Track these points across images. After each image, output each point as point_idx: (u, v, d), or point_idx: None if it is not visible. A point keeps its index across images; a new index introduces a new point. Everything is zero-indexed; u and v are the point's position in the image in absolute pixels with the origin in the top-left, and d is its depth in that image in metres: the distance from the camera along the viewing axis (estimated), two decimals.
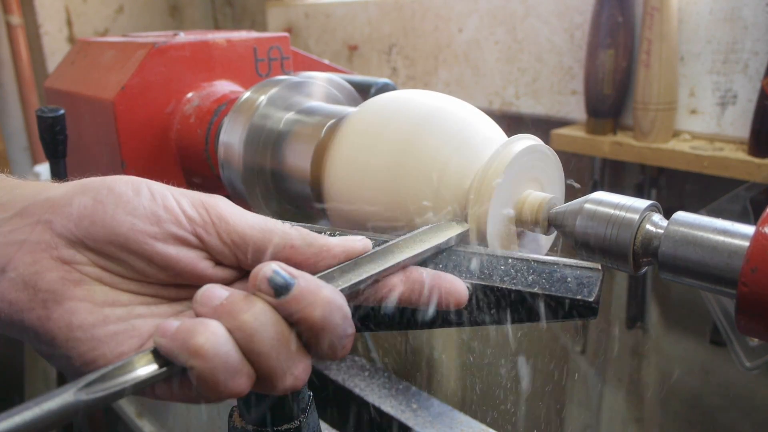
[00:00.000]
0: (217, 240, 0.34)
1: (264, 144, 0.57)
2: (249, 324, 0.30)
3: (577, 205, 0.39)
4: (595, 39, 1.03)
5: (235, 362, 0.30)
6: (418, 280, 0.36)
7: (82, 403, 0.27)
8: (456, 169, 0.43)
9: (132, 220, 0.32)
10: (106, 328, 0.31)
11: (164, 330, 0.29)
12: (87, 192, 0.33)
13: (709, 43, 0.96)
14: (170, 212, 0.33)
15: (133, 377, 0.29)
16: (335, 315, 0.31)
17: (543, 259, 0.37)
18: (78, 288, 0.32)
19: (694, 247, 0.34)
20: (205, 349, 0.29)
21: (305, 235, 0.35)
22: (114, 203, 0.33)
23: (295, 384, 0.32)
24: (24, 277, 0.31)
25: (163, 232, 0.33)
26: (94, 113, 0.70)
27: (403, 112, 0.46)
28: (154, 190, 0.34)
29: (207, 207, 0.34)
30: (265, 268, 0.31)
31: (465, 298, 0.35)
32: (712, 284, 0.34)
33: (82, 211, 0.32)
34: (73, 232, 0.32)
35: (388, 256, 0.36)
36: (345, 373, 0.84)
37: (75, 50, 0.82)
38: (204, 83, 0.71)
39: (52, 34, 1.70)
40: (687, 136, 1.01)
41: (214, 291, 0.31)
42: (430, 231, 0.39)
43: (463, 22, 1.28)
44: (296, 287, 0.31)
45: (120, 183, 0.34)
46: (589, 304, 0.35)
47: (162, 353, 0.29)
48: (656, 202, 0.38)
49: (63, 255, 0.32)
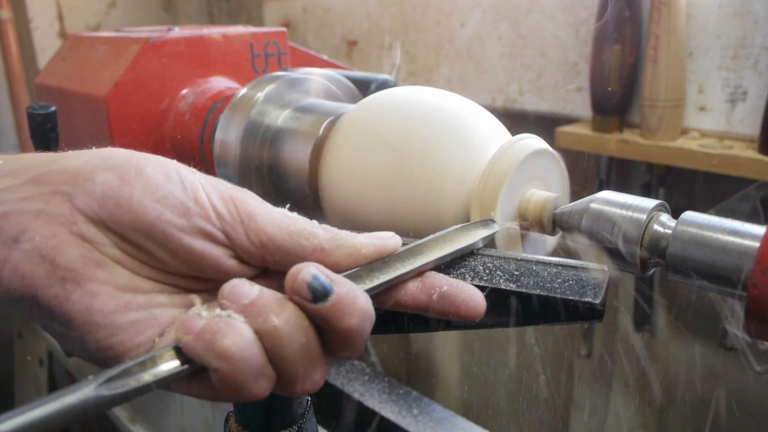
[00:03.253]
0: (244, 239, 0.33)
1: (261, 142, 0.57)
2: (279, 329, 0.29)
3: (582, 205, 0.39)
4: (601, 34, 1.03)
5: (259, 365, 0.29)
6: (435, 287, 0.35)
7: (103, 399, 0.27)
8: (458, 169, 0.43)
9: (160, 208, 0.31)
10: (127, 315, 0.31)
11: (189, 327, 0.29)
12: (112, 168, 0.32)
13: (719, 38, 0.96)
14: (200, 205, 0.32)
15: (154, 374, 0.28)
16: (366, 323, 0.31)
17: (547, 260, 0.37)
18: (100, 269, 0.31)
19: (703, 248, 0.34)
20: (231, 351, 0.28)
21: (335, 236, 0.34)
22: (142, 187, 0.32)
23: (311, 388, 0.32)
24: (41, 250, 0.30)
25: (191, 226, 0.32)
26: (86, 110, 0.70)
27: (403, 109, 0.46)
28: (184, 177, 0.33)
29: (236, 203, 0.33)
30: (305, 271, 0.30)
31: (482, 309, 0.35)
32: (722, 286, 0.34)
33: (107, 191, 0.31)
34: (95, 211, 0.31)
35: (417, 255, 0.35)
36: (344, 378, 0.84)
37: (66, 46, 0.82)
38: (199, 79, 0.71)
39: (42, 29, 1.69)
40: (696, 133, 1.01)
41: (242, 288, 0.30)
42: (459, 231, 0.38)
43: (465, 17, 1.28)
44: (335, 294, 0.30)
45: (149, 164, 0.33)
46: (595, 307, 0.35)
47: (185, 351, 0.29)
48: (664, 202, 0.38)
49: (83, 232, 0.31)
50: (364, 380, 0.83)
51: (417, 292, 0.35)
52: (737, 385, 1.11)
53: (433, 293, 0.35)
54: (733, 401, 1.12)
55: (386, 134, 0.45)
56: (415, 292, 0.35)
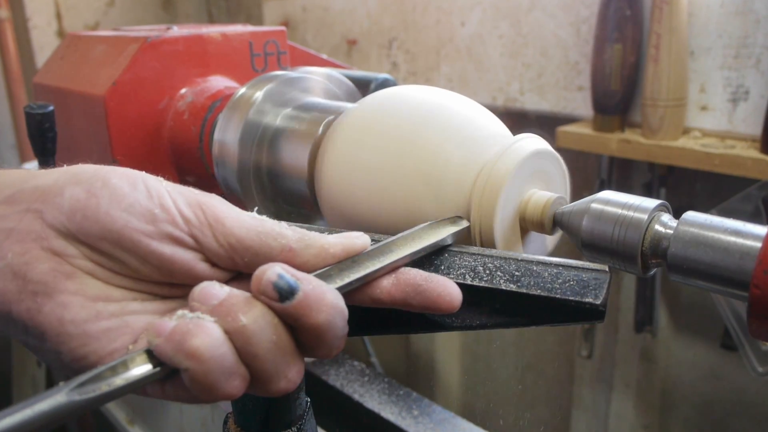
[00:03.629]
0: (213, 242, 0.34)
1: (260, 142, 0.57)
2: (248, 327, 0.30)
3: (583, 205, 0.39)
4: (602, 33, 1.03)
5: (230, 365, 0.30)
6: (409, 283, 0.35)
7: (74, 404, 0.27)
8: (458, 169, 0.43)
9: (127, 217, 0.32)
10: (99, 324, 0.31)
11: (159, 330, 0.29)
12: (80, 183, 0.33)
13: (720, 37, 0.96)
14: (166, 211, 0.33)
15: (126, 378, 0.29)
16: (337, 319, 0.31)
17: (548, 261, 0.37)
18: (70, 281, 0.31)
19: (705, 248, 0.34)
20: (200, 351, 0.29)
21: (303, 236, 0.35)
22: (108, 197, 0.32)
23: (287, 387, 0.32)
24: (13, 267, 0.31)
25: (159, 232, 0.33)
26: (84, 110, 0.70)
27: (403, 108, 0.46)
28: (150, 186, 0.34)
29: (203, 208, 0.34)
30: (270, 271, 0.31)
31: (457, 302, 0.35)
32: (723, 287, 0.34)
33: (74, 204, 0.32)
34: (64, 225, 0.32)
35: (387, 253, 0.36)
36: (344, 378, 0.84)
37: (65, 44, 0.82)
38: (198, 79, 0.71)
39: (40, 27, 1.70)
40: (697, 133, 1.01)
41: (211, 289, 0.31)
42: (429, 228, 0.39)
43: (465, 16, 1.28)
44: (301, 292, 0.31)
45: (115, 175, 0.33)
46: (596, 308, 0.35)
47: (156, 354, 0.29)
48: (665, 202, 0.38)
49: (54, 246, 0.31)
50: (363, 381, 0.83)
51: (392, 288, 0.35)
52: (739, 386, 1.11)
53: (408, 289, 0.35)
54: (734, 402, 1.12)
55: (386, 134, 0.45)
56: (390, 288, 0.35)
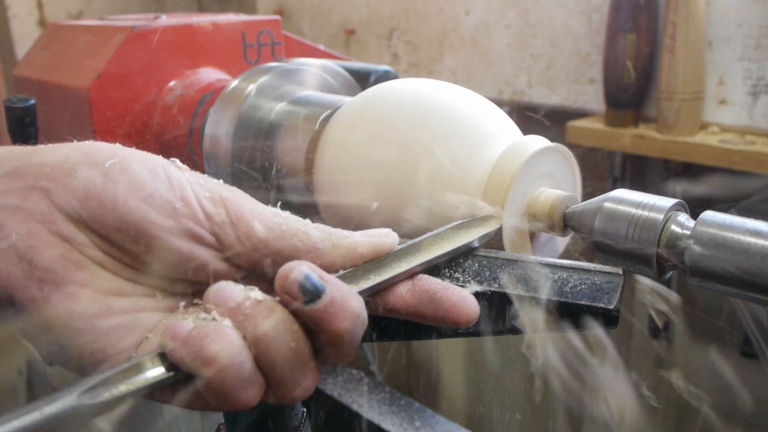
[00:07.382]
0: (235, 241, 0.33)
1: (254, 137, 0.57)
2: (268, 334, 0.30)
3: (595, 204, 0.39)
4: (615, 22, 1.03)
5: (247, 373, 0.29)
6: (425, 289, 0.35)
7: (85, 408, 0.27)
8: (463, 166, 0.43)
9: (146, 208, 0.31)
10: (109, 320, 0.31)
11: (175, 333, 0.29)
12: (94, 164, 0.32)
13: (740, 26, 0.96)
14: (188, 205, 0.32)
15: (139, 382, 0.29)
16: (358, 328, 0.31)
17: (558, 263, 0.37)
18: (80, 271, 0.31)
19: (724, 249, 0.34)
20: (219, 358, 0.28)
21: (329, 234, 0.34)
22: (126, 185, 0.31)
23: (302, 395, 0.32)
24: (18, 249, 0.30)
25: (179, 227, 0.32)
26: (67, 103, 0.70)
27: (404, 103, 0.46)
28: (171, 175, 0.33)
29: (226, 204, 0.33)
30: (296, 270, 0.30)
31: (474, 316, 0.35)
32: (744, 291, 0.34)
33: (89, 189, 0.31)
34: (76, 210, 0.31)
35: (414, 254, 0.35)
36: (342, 388, 0.84)
37: (46, 35, 0.82)
38: (188, 70, 0.71)
39: (20, 17, 1.70)
40: (715, 128, 1.01)
41: (229, 290, 0.31)
42: (458, 228, 0.38)
43: (470, 4, 1.28)
44: (327, 296, 0.30)
45: (134, 160, 0.32)
46: (610, 312, 0.35)
47: (171, 358, 0.29)
48: (682, 201, 0.38)
49: (63, 231, 0.30)
50: (363, 390, 0.83)
51: (406, 294, 0.35)
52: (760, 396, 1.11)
53: (423, 296, 0.35)
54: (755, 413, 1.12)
55: (386, 129, 0.45)
56: (405, 294, 0.35)
